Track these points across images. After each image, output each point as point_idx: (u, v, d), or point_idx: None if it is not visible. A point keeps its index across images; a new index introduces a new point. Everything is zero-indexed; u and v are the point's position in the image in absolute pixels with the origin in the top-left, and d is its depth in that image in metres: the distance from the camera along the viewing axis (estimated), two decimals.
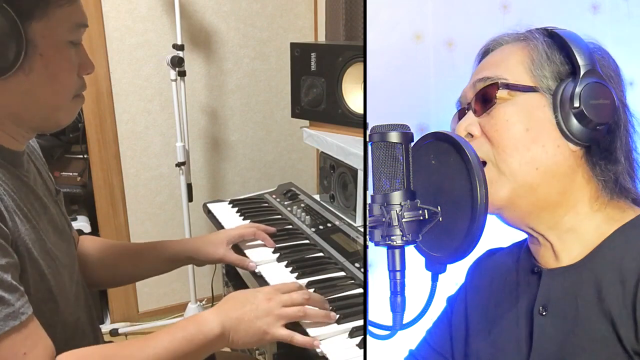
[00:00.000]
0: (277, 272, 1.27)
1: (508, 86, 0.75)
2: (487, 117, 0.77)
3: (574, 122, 0.73)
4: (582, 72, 0.72)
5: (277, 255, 1.34)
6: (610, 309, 0.68)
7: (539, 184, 0.74)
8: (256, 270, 1.27)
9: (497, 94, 0.75)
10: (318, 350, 0.99)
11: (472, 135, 0.78)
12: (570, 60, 0.75)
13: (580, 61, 0.73)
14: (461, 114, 0.83)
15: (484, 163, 0.75)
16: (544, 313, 0.76)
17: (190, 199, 2.23)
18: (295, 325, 1.02)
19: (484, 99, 0.77)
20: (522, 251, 0.86)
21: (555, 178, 0.74)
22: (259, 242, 1.37)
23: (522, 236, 0.86)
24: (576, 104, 0.72)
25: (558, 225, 0.76)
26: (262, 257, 1.32)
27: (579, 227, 0.75)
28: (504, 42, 0.82)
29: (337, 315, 1.06)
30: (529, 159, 0.73)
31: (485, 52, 0.85)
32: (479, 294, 0.91)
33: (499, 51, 0.82)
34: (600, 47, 0.78)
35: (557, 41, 0.76)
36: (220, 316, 0.94)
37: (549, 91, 0.75)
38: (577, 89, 0.72)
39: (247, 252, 1.35)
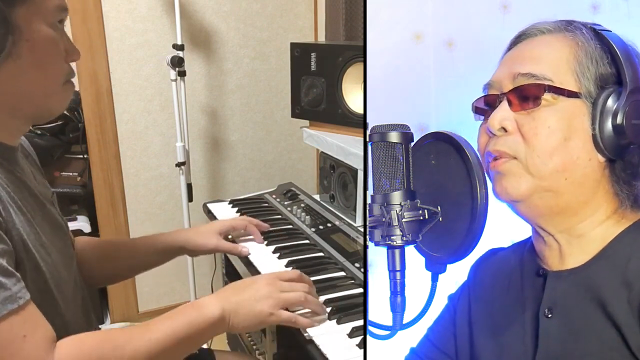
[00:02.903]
0: (274, 266, 1.27)
1: (553, 89, 0.72)
2: (526, 116, 0.73)
3: (611, 137, 0.70)
4: (629, 88, 0.69)
5: (273, 249, 1.36)
6: (615, 313, 0.67)
7: (564, 192, 0.72)
8: (250, 258, 1.30)
9: (542, 97, 0.72)
10: (317, 343, 1.00)
11: (505, 130, 0.74)
12: (615, 67, 0.71)
13: (628, 76, 0.70)
14: (491, 99, 0.79)
15: (512, 158, 0.73)
16: (549, 316, 0.75)
17: (190, 199, 2.23)
18: (299, 330, 1.03)
19: (525, 96, 0.73)
20: (525, 250, 0.85)
21: (581, 189, 0.73)
22: (252, 237, 1.40)
23: (523, 235, 0.86)
24: (618, 121, 0.70)
25: (570, 230, 0.75)
26: (255, 248, 1.35)
27: (590, 233, 0.74)
28: (545, 30, 0.77)
29: (329, 308, 1.08)
30: (560, 168, 0.71)
31: (520, 36, 0.80)
32: (483, 293, 0.90)
33: (540, 41, 0.77)
34: (638, 51, 0.75)
35: (602, 43, 0.73)
36: (220, 300, 0.95)
37: (589, 98, 0.72)
38: (622, 106, 0.69)
39: (238, 241, 1.38)
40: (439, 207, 0.70)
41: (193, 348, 0.94)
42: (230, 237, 1.39)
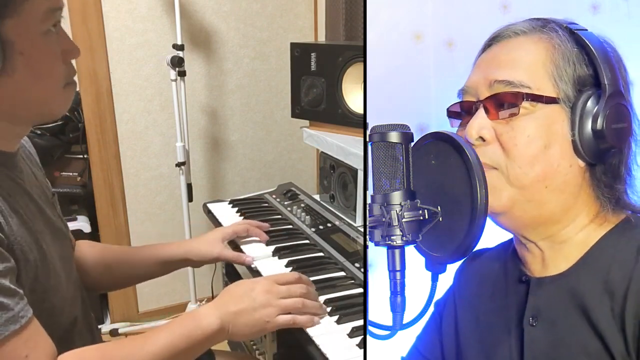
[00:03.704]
0: (275, 269, 1.27)
1: (531, 97, 0.71)
2: (505, 125, 0.72)
3: (591, 142, 0.70)
4: (607, 93, 0.69)
5: (273, 250, 1.35)
6: (598, 320, 0.67)
7: (546, 201, 0.72)
8: (252, 266, 1.29)
9: (521, 106, 0.71)
10: (317, 342, 0.99)
11: (483, 139, 0.73)
12: (593, 69, 0.71)
13: (607, 78, 0.69)
14: (467, 105, 0.78)
15: (493, 168, 0.72)
16: (534, 324, 0.75)
17: (190, 199, 2.23)
18: (299, 330, 1.03)
19: (502, 104, 0.72)
20: (508, 255, 0.84)
21: (562, 196, 0.72)
22: (254, 238, 1.40)
23: (507, 236, 0.85)
24: (598, 127, 0.69)
25: (554, 237, 0.75)
26: (259, 254, 1.33)
27: (573, 239, 0.74)
28: (520, 32, 0.76)
29: (329, 308, 1.08)
30: (541, 176, 0.70)
31: (495, 38, 0.78)
32: (468, 298, 0.90)
33: (515, 43, 0.75)
34: (615, 48, 0.74)
35: (579, 43, 0.72)
36: (218, 310, 0.95)
37: (568, 103, 0.71)
38: (602, 111, 0.69)
39: (243, 247, 1.37)
40: (439, 207, 0.70)
41: (192, 358, 0.94)
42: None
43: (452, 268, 0.92)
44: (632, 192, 0.74)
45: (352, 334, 1.03)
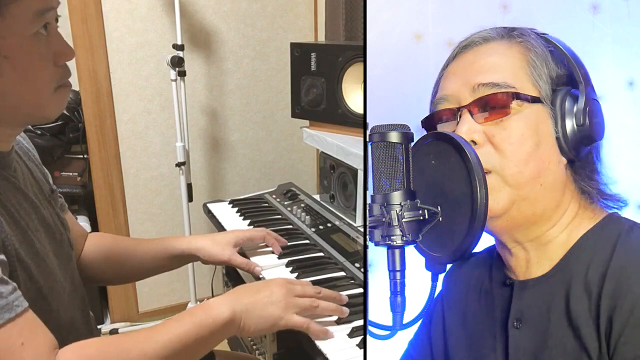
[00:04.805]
0: (276, 271, 1.27)
1: (519, 97, 0.72)
2: (495, 126, 0.72)
3: (576, 138, 0.72)
4: (585, 88, 0.71)
5: (281, 260, 1.33)
6: (577, 321, 0.67)
7: (541, 199, 0.72)
8: (261, 276, 1.26)
9: (511, 105, 0.72)
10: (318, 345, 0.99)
11: (475, 143, 0.73)
12: (564, 68, 0.73)
13: (581, 77, 0.71)
14: (447, 114, 0.78)
15: (488, 172, 0.72)
16: (518, 326, 0.75)
17: (190, 199, 2.23)
18: (299, 331, 1.01)
19: (492, 106, 0.73)
20: (493, 259, 0.85)
21: (553, 193, 0.73)
22: (263, 246, 1.36)
23: (492, 241, 0.84)
24: (581, 122, 0.71)
25: (540, 238, 0.75)
26: (267, 262, 1.31)
27: (557, 238, 0.74)
28: (489, 37, 0.77)
29: (349, 310, 1.05)
30: (536, 174, 0.71)
31: (466, 47, 0.78)
32: (456, 305, 0.90)
33: (489, 49, 0.76)
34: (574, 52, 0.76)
35: (548, 44, 0.75)
36: (231, 301, 0.92)
37: (548, 101, 0.73)
38: (583, 107, 0.71)
39: (249, 254, 1.34)
40: (439, 207, 0.70)
41: (203, 351, 0.91)
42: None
43: None
44: (606, 182, 0.77)
45: (352, 334, 1.03)
